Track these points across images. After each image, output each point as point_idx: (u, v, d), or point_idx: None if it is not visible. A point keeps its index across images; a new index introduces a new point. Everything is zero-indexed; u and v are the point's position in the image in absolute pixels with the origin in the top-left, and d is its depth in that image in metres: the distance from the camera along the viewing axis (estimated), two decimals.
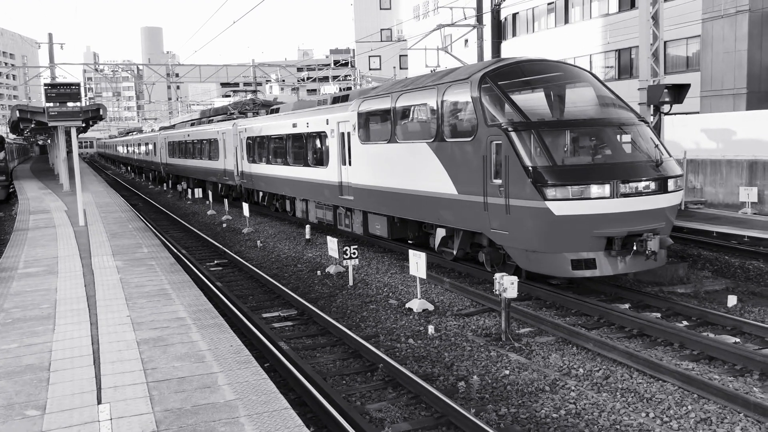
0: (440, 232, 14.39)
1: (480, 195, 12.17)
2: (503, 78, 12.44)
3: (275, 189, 23.64)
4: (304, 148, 20.27)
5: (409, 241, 16.66)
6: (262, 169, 24.45)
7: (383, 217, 16.18)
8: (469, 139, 12.37)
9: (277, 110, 24.41)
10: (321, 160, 19.10)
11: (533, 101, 12.88)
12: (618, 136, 11.85)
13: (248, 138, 25.84)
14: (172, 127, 48.53)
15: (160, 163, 45.99)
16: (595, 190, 10.81)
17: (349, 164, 17.15)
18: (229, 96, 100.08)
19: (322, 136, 18.93)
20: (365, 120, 16.48)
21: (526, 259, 11.73)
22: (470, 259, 14.31)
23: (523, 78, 13.06)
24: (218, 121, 32.61)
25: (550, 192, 10.79)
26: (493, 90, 12.07)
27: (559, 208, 10.81)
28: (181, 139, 38.56)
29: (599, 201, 10.84)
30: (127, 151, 67.23)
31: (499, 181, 11.64)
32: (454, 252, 14.02)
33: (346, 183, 17.53)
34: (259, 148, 24.72)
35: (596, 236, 10.97)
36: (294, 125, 20.92)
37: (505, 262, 12.86)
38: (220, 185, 32.19)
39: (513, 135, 11.33)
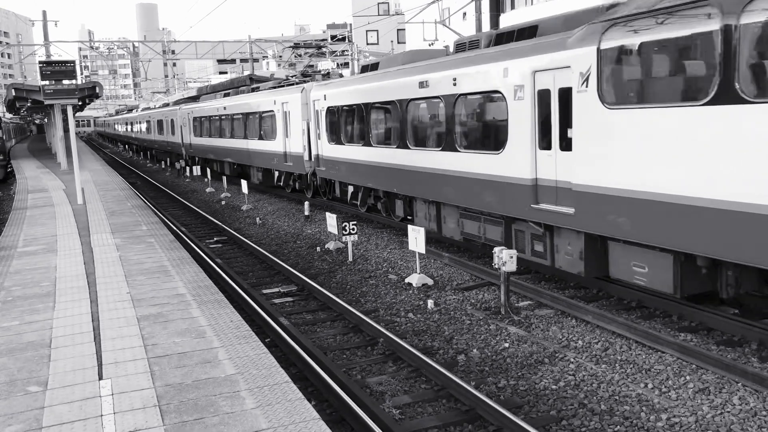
0: None
1: None
2: None
3: (380, 183, 16.18)
4: (445, 120, 12.93)
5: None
6: (356, 152, 17.23)
7: (666, 255, 8.77)
8: None
9: (375, 66, 17.00)
10: (485, 139, 11.97)
11: None
12: None
13: (330, 109, 18.75)
14: (195, 99, 40.54)
15: (180, 144, 38.46)
16: None
17: (565, 148, 9.98)
18: (226, 73, 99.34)
19: (488, 98, 11.74)
20: (622, 64, 8.92)
21: None
22: None
23: None
24: (270, 89, 25.14)
25: None
26: None
27: None
28: (214, 114, 30.81)
29: None
30: (133, 129, 58.65)
31: None
32: None
33: (550, 181, 10.37)
34: (351, 123, 17.59)
35: None
36: (422, 84, 13.59)
37: None
38: (276, 173, 24.93)
39: None
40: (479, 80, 11.83)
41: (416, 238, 11.73)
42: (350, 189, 19.10)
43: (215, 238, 17.52)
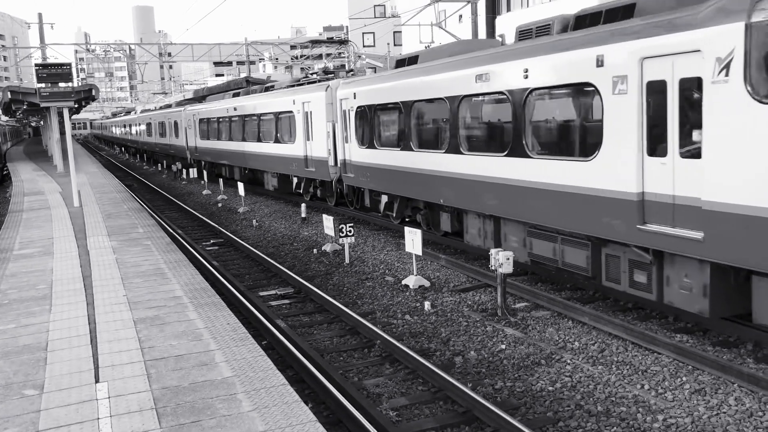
0: None
1: None
2: None
3: (421, 193, 14.22)
4: (512, 120, 10.92)
5: None
6: (392, 158, 15.27)
7: None
8: None
9: (414, 60, 15.10)
10: (568, 143, 10.04)
11: None
12: None
13: (360, 109, 16.80)
14: (201, 100, 38.41)
15: (185, 147, 36.29)
16: None
17: (689, 154, 8.03)
18: (222, 75, 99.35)
19: (574, 93, 9.82)
20: None
21: None
22: None
23: None
24: (288, 87, 23.30)
25: None
26: None
27: None
28: (223, 115, 28.92)
29: None
30: (132, 132, 56.28)
31: None
32: None
33: (663, 197, 8.35)
34: (386, 124, 15.76)
35: None
36: (480, 78, 11.60)
37: None
38: (295, 180, 23.00)
39: None
40: (561, 71, 9.74)
41: (413, 240, 11.74)
42: (383, 199, 16.83)
43: (212, 241, 17.50)
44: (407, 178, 14.70)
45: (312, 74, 23.66)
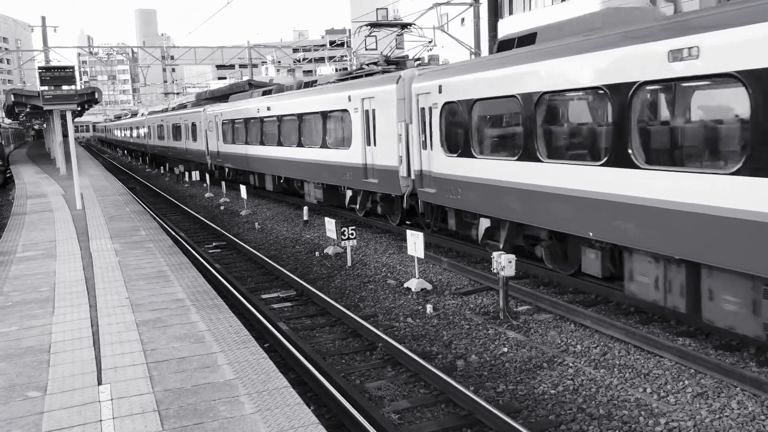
0: None
1: None
2: None
3: (553, 221, 10.48)
4: (754, 120, 7.01)
5: None
6: (503, 170, 11.61)
7: None
8: None
9: (529, 39, 11.69)
10: None
11: None
12: None
13: (449, 106, 13.20)
14: (222, 99, 34.58)
15: (205, 152, 32.30)
16: None
17: None
18: (225, 78, 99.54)
19: None
20: None
21: None
22: None
23: None
24: (338, 81, 19.28)
25: None
26: None
27: None
28: (253, 116, 25.13)
29: None
30: (139, 135, 52.61)
31: None
32: None
33: None
34: (492, 125, 12.20)
35: None
36: (679, 55, 7.82)
37: None
38: (350, 192, 19.00)
39: None
40: None
41: (415, 243, 11.74)
42: (483, 223, 12.92)
43: (214, 243, 17.52)
44: (528, 198, 10.95)
45: (369, 64, 18.87)
